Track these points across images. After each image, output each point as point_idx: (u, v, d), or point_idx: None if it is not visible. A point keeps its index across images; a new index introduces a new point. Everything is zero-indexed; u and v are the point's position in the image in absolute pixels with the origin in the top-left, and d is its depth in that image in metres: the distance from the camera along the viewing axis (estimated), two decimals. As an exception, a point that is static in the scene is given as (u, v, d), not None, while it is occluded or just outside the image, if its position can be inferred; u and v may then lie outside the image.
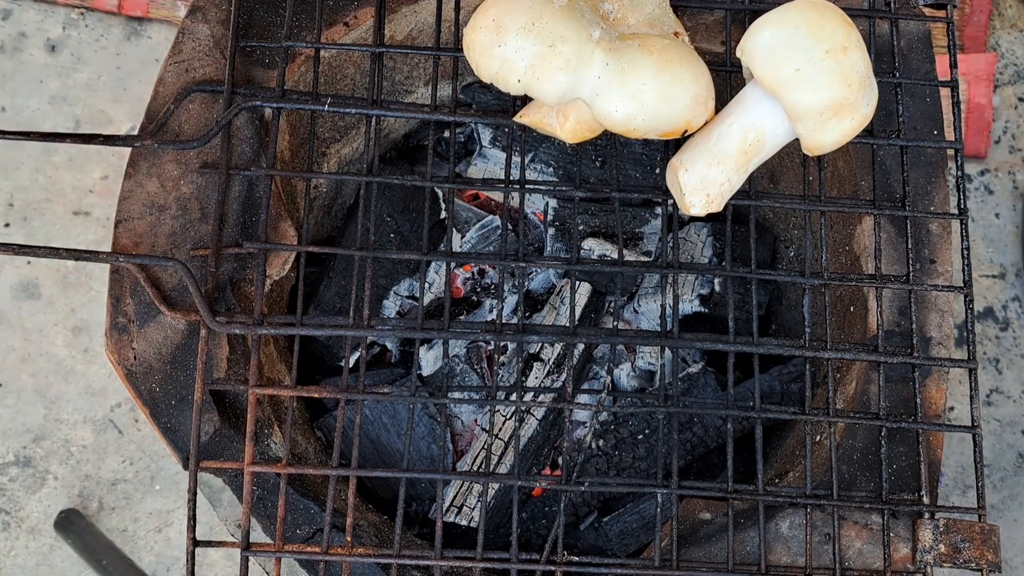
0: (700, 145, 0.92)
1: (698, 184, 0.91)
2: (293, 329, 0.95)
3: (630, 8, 0.93)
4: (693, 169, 0.91)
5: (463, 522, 1.17)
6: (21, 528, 1.62)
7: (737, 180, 0.92)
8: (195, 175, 1.01)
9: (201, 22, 1.05)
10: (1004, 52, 1.80)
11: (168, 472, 1.65)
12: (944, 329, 1.02)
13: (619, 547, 1.17)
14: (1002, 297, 1.73)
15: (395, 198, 1.29)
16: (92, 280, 1.71)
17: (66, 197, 1.73)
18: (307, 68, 1.07)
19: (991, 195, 1.76)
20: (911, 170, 1.04)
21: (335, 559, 0.92)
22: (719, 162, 0.91)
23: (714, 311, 1.27)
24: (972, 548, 0.94)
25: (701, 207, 0.92)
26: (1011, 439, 1.67)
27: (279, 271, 1.02)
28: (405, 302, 1.30)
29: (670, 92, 0.87)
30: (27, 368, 1.68)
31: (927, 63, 1.07)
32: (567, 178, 1.30)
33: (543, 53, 0.85)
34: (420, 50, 1.03)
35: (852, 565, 0.96)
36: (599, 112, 0.88)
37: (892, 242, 1.04)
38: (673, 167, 0.93)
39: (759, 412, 0.95)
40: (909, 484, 0.98)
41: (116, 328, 0.99)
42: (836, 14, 0.88)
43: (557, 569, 0.93)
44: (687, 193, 0.91)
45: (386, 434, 1.21)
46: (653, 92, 0.87)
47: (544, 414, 1.20)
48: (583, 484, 0.94)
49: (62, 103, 1.77)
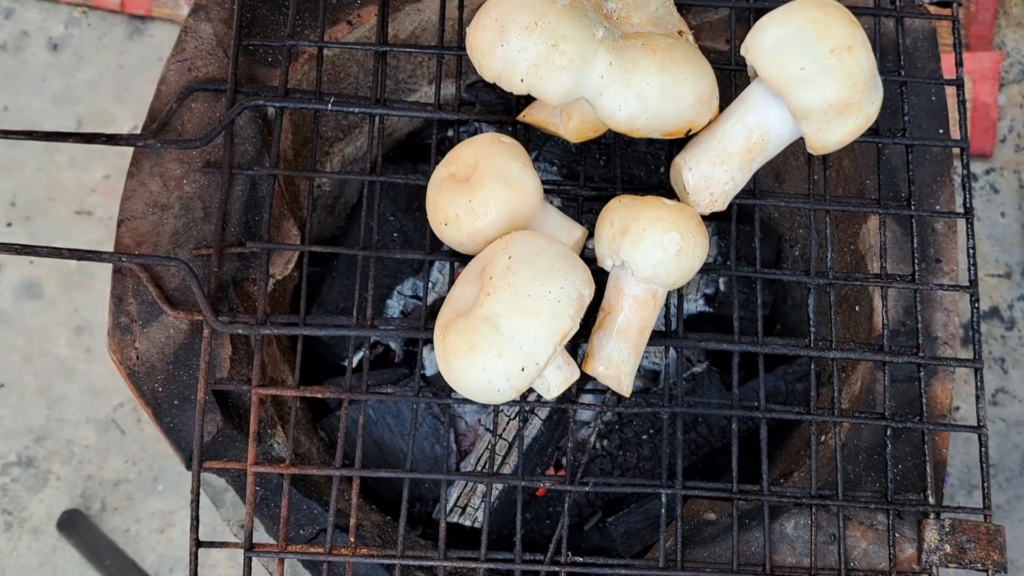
0: (704, 144, 0.91)
1: (702, 183, 0.91)
2: (296, 329, 0.95)
3: (633, 7, 0.93)
4: (697, 168, 0.91)
5: (467, 523, 1.17)
6: (24, 528, 1.62)
7: (741, 179, 0.92)
8: (198, 174, 1.01)
9: (204, 21, 1.05)
10: (1010, 50, 1.80)
11: (171, 472, 1.65)
12: (950, 328, 1.02)
13: (623, 548, 1.17)
14: (1008, 296, 1.72)
15: (398, 197, 1.28)
16: (95, 280, 1.71)
17: (68, 196, 1.73)
18: (310, 67, 1.07)
19: (997, 194, 1.75)
20: (916, 169, 1.03)
21: (338, 560, 0.92)
22: (723, 161, 0.90)
23: (719, 311, 1.27)
24: (978, 548, 0.93)
25: (705, 206, 0.92)
26: (1017, 439, 1.67)
27: (282, 271, 1.02)
28: (409, 302, 1.30)
29: (674, 91, 0.87)
30: (29, 368, 1.68)
31: (932, 61, 1.07)
32: (571, 177, 1.29)
33: (546, 52, 0.85)
34: (423, 49, 1.02)
35: (857, 566, 0.96)
36: (602, 111, 0.88)
37: (897, 241, 1.03)
38: (677, 166, 0.92)
39: (764, 412, 0.95)
40: (914, 484, 0.98)
41: (119, 328, 0.99)
42: (841, 12, 0.87)
43: (561, 570, 0.93)
44: (691, 192, 0.91)
45: (390, 434, 1.20)
46: (656, 91, 0.86)
47: (548, 414, 1.19)
48: (587, 484, 0.94)
49: (64, 102, 1.77)
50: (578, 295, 0.83)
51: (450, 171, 0.91)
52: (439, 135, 1.37)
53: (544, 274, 0.82)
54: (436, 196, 0.90)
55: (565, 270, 0.83)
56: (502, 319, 0.81)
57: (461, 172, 0.90)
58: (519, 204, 0.88)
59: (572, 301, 0.82)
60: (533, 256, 0.83)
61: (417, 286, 1.29)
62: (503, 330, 0.81)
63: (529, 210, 0.89)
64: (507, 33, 0.85)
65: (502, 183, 0.87)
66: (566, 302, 0.82)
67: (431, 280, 1.26)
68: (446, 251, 0.97)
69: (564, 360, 0.87)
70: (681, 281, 0.89)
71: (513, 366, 0.81)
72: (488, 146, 0.90)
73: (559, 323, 0.81)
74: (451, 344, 0.83)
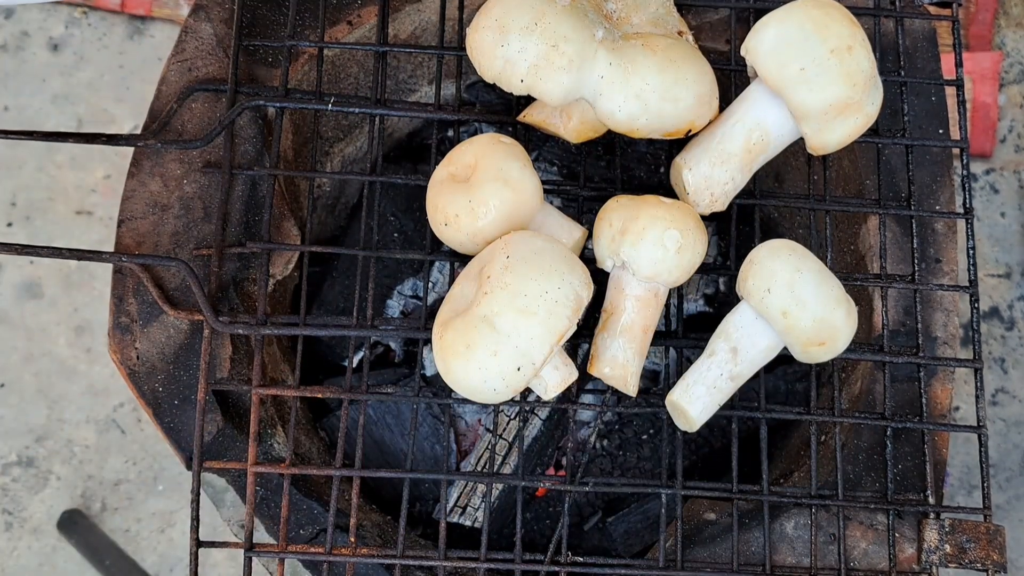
0: (704, 144, 0.91)
1: (702, 183, 0.91)
2: (296, 329, 0.95)
3: (633, 7, 0.93)
4: (697, 168, 0.91)
5: (467, 522, 1.17)
6: (24, 528, 1.62)
7: (741, 179, 0.92)
8: (198, 174, 1.01)
9: (204, 21, 1.05)
10: (1010, 51, 1.80)
11: (171, 472, 1.65)
12: (950, 329, 1.02)
13: (623, 547, 1.17)
14: (1008, 296, 1.72)
15: (399, 197, 1.28)
16: (95, 280, 1.71)
17: (69, 196, 1.73)
18: (310, 67, 1.07)
19: (997, 194, 1.75)
20: (916, 169, 1.03)
21: (339, 560, 0.92)
22: (723, 161, 0.90)
23: (719, 311, 1.27)
24: (978, 548, 0.93)
25: (705, 206, 0.92)
26: (1017, 439, 1.67)
27: (282, 271, 1.02)
28: (409, 302, 1.30)
29: (673, 91, 0.87)
30: (30, 368, 1.68)
31: (932, 62, 1.07)
32: (572, 177, 1.30)
33: (546, 53, 0.85)
34: (424, 49, 1.02)
35: (857, 566, 0.96)
36: (602, 112, 0.88)
37: (897, 241, 1.03)
38: (677, 166, 0.92)
39: (764, 412, 0.95)
40: (914, 484, 0.98)
41: (119, 328, 0.99)
42: (841, 13, 0.87)
43: (561, 570, 0.93)
44: (691, 192, 0.91)
45: (390, 434, 1.20)
46: (656, 92, 0.87)
47: (548, 414, 1.19)
48: (587, 484, 0.94)
49: (64, 102, 1.77)
50: (576, 296, 0.83)
51: (450, 171, 0.91)
52: (439, 135, 1.37)
53: (542, 274, 0.82)
54: (436, 196, 0.90)
55: (563, 270, 0.83)
56: (499, 318, 0.81)
57: (461, 172, 0.90)
58: (519, 204, 0.88)
59: (569, 302, 0.82)
60: (532, 256, 0.83)
61: (417, 286, 1.29)
62: (500, 329, 0.81)
63: (529, 210, 0.89)
64: (507, 34, 0.85)
65: (502, 183, 0.87)
66: (563, 302, 0.82)
67: (431, 280, 1.26)
68: (446, 251, 0.97)
69: (562, 361, 0.87)
70: (683, 278, 0.89)
71: (509, 365, 0.81)
72: (488, 146, 0.90)
73: (556, 323, 0.81)
74: (448, 342, 0.83)
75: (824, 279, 0.85)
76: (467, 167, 0.90)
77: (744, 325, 0.88)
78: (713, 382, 0.88)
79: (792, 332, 0.85)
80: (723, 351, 0.89)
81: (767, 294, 0.85)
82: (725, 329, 0.89)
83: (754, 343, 0.88)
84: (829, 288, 0.85)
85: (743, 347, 0.88)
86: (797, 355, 0.88)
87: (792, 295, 0.84)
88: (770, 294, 0.85)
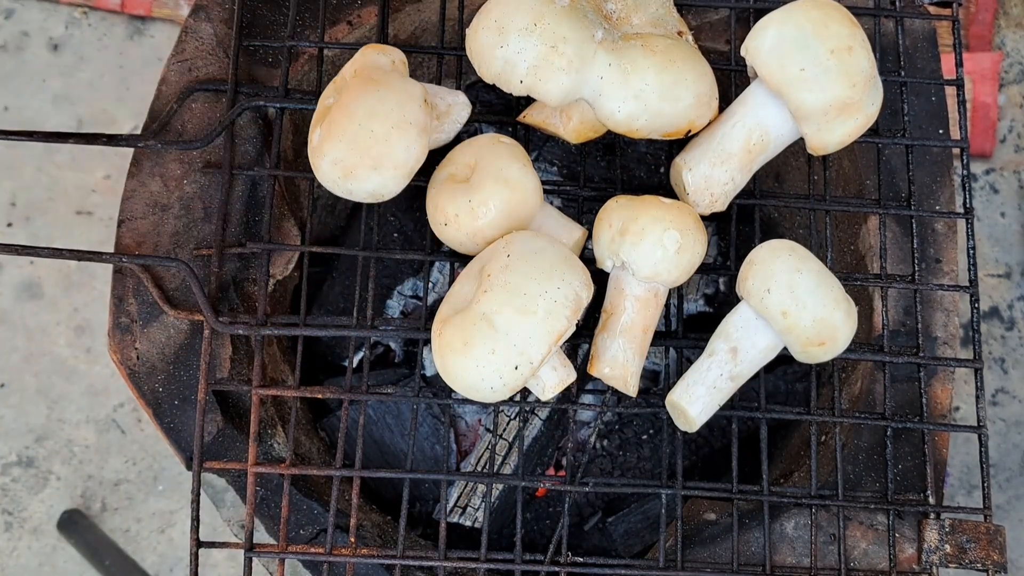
0: (704, 144, 0.91)
1: (702, 183, 0.91)
2: (296, 329, 0.95)
3: (633, 8, 0.93)
4: (697, 168, 0.91)
5: (467, 523, 1.17)
6: (24, 528, 1.62)
7: (741, 179, 0.92)
8: (198, 175, 1.01)
9: (204, 21, 1.05)
10: (1009, 51, 1.80)
11: (171, 472, 1.65)
12: (950, 329, 1.02)
13: (623, 548, 1.17)
14: (1008, 296, 1.72)
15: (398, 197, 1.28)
16: (95, 280, 1.71)
17: (69, 197, 1.73)
18: (310, 67, 1.07)
19: (997, 194, 1.75)
20: (916, 169, 1.03)
21: (339, 560, 0.92)
22: (723, 161, 0.90)
23: (719, 311, 1.27)
24: (978, 548, 0.93)
25: (705, 206, 0.92)
26: (1017, 439, 1.67)
27: (282, 271, 1.02)
28: (409, 302, 1.30)
29: (673, 92, 0.87)
30: (30, 368, 1.68)
31: (932, 62, 1.07)
32: (572, 177, 1.30)
33: (545, 54, 0.85)
34: (424, 50, 1.02)
35: (857, 566, 0.96)
36: (602, 112, 0.88)
37: (897, 241, 1.03)
38: (677, 166, 0.92)
39: (764, 412, 0.95)
40: (915, 484, 0.98)
41: (119, 328, 0.99)
42: (841, 13, 0.87)
43: (561, 570, 0.93)
44: (691, 193, 0.91)
45: (390, 434, 1.20)
46: (656, 92, 0.87)
47: (548, 414, 1.19)
48: (587, 485, 0.94)
49: (65, 102, 1.77)
50: (575, 296, 0.83)
51: (450, 171, 0.91)
52: (439, 135, 1.37)
53: (542, 274, 0.82)
54: (436, 196, 0.90)
55: (563, 270, 0.83)
56: (498, 316, 0.81)
57: (461, 172, 0.90)
58: (519, 204, 0.88)
59: (569, 302, 0.82)
60: (532, 256, 0.83)
61: (417, 286, 1.29)
62: (498, 327, 0.81)
63: (529, 210, 0.89)
64: (506, 35, 0.85)
65: (502, 183, 0.87)
66: (562, 302, 0.82)
67: (431, 280, 1.26)
68: (446, 251, 0.97)
69: (560, 362, 0.87)
70: (682, 278, 0.89)
71: (507, 364, 0.81)
72: (488, 146, 0.90)
73: (555, 323, 0.81)
74: (447, 339, 0.83)
75: (824, 279, 0.85)
76: (467, 167, 0.90)
77: (744, 325, 0.88)
78: (713, 382, 0.88)
79: (792, 332, 0.85)
80: (723, 351, 0.89)
81: (767, 294, 0.85)
82: (725, 329, 0.89)
83: (754, 343, 0.88)
84: (829, 288, 0.85)
85: (743, 347, 0.88)
86: (797, 355, 0.88)
87: (792, 295, 0.84)
88: (770, 294, 0.85)
